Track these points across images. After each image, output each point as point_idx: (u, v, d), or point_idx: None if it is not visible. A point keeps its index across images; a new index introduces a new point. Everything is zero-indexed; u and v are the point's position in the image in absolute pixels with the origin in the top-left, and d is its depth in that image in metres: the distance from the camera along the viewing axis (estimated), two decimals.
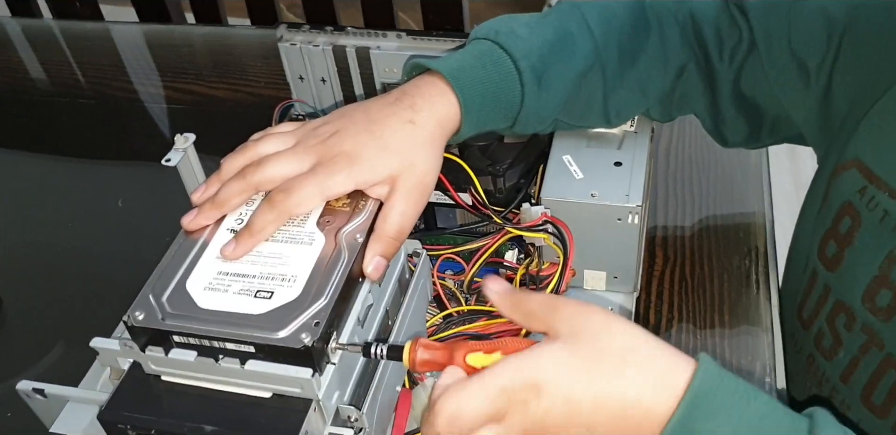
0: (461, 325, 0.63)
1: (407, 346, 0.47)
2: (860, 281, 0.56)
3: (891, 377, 0.55)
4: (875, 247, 0.55)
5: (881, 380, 0.56)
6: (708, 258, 0.73)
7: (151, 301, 0.47)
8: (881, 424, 0.57)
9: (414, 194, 0.53)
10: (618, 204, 0.62)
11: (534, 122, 0.61)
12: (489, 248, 0.64)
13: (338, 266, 0.49)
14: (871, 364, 0.56)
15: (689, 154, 0.84)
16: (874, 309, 0.55)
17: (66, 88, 1.09)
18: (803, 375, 0.64)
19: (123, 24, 1.22)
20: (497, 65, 0.57)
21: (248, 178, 0.52)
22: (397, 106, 0.55)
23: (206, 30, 1.18)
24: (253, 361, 0.45)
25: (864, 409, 0.58)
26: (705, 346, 0.66)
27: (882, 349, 0.55)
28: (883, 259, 0.54)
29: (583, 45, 0.61)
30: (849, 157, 0.58)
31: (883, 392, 0.56)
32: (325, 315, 0.46)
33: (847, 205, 0.57)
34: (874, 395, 0.57)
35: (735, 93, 0.65)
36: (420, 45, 0.75)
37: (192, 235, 0.52)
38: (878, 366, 0.56)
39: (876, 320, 0.55)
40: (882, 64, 0.56)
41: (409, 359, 0.46)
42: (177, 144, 0.57)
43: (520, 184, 0.68)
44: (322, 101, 0.83)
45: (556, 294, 0.62)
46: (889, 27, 0.56)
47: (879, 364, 0.55)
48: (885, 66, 0.56)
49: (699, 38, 0.64)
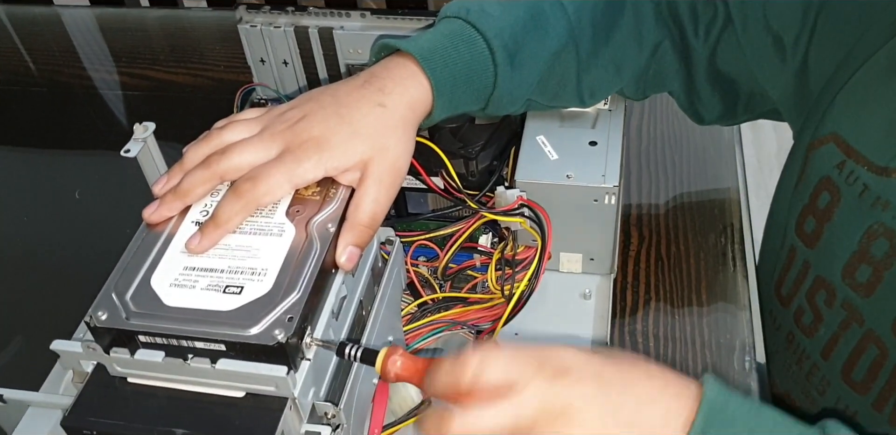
0: (436, 312, 0.62)
1: (382, 352, 0.45)
2: (839, 257, 0.55)
3: (871, 353, 0.54)
4: (854, 222, 0.54)
5: (861, 356, 0.56)
6: (684, 236, 0.73)
7: (114, 300, 0.45)
8: (861, 400, 0.57)
9: (386, 179, 0.51)
10: (594, 185, 0.61)
11: (507, 104, 0.59)
12: (463, 233, 0.63)
13: (310, 258, 0.47)
14: (852, 340, 0.56)
15: (661, 131, 0.83)
16: (854, 285, 0.55)
17: (17, 76, 1.05)
18: (783, 352, 0.64)
19: (74, 9, 1.17)
20: (469, 45, 0.55)
21: (213, 166, 0.50)
22: (366, 89, 0.53)
23: (161, 12, 1.14)
24: (224, 360, 0.43)
25: (843, 385, 0.58)
26: (683, 325, 0.66)
27: (862, 325, 0.55)
28: (862, 234, 0.53)
29: (556, 23, 0.59)
30: (825, 132, 0.57)
31: (863, 368, 0.56)
32: (298, 310, 0.44)
33: (825, 180, 0.57)
34: (854, 371, 0.57)
35: (710, 69, 0.64)
36: (385, 24, 0.73)
37: (154, 229, 0.49)
38: (857, 342, 0.55)
39: (856, 296, 0.55)
40: (858, 39, 0.56)
41: (382, 366, 0.45)
42: (136, 134, 0.55)
43: (493, 166, 0.66)
44: (285, 84, 0.80)
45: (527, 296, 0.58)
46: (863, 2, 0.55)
47: (859, 340, 0.55)
48: (861, 41, 0.55)
49: (674, 15, 0.63)
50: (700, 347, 0.64)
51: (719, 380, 0.43)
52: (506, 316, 0.59)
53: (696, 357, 0.63)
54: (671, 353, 0.64)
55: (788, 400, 0.66)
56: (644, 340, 0.65)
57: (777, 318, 0.65)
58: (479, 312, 0.62)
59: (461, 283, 0.66)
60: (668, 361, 0.63)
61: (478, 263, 0.66)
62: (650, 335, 0.65)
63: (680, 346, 0.64)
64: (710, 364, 0.63)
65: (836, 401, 0.59)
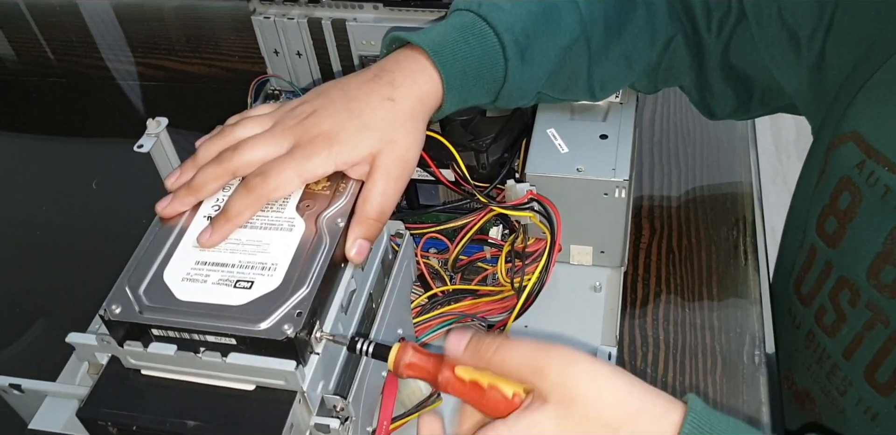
0: (446, 304, 0.62)
1: (394, 349, 0.45)
2: (863, 257, 0.55)
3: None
4: (878, 223, 0.53)
5: (886, 357, 0.55)
6: (695, 229, 0.73)
7: (128, 294, 0.46)
8: (884, 402, 0.56)
9: (394, 172, 0.51)
10: (604, 178, 0.61)
11: (517, 97, 0.59)
12: (474, 225, 0.63)
13: (319, 252, 0.47)
14: (877, 341, 0.55)
15: (674, 123, 0.83)
16: (879, 286, 0.54)
17: (36, 67, 1.06)
18: (802, 351, 0.64)
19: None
20: (480, 38, 0.55)
21: (225, 163, 0.50)
22: (376, 83, 0.53)
23: (177, 3, 1.15)
24: (235, 354, 0.44)
25: (867, 386, 0.57)
26: (694, 318, 0.66)
27: (888, 326, 0.54)
28: (887, 235, 0.53)
29: (568, 17, 0.59)
30: (846, 130, 0.56)
31: (888, 369, 0.55)
32: (307, 305, 0.44)
33: (845, 179, 0.56)
34: (878, 372, 0.56)
35: (723, 64, 0.64)
36: (398, 16, 0.73)
37: (167, 223, 0.50)
38: (883, 343, 0.55)
39: (882, 297, 0.54)
40: (878, 35, 0.54)
41: (395, 362, 0.45)
42: (149, 129, 0.55)
43: (503, 158, 0.66)
44: (298, 75, 0.81)
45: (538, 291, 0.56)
46: None
47: (885, 341, 0.55)
48: (882, 37, 0.54)
49: (687, 9, 0.62)
50: (710, 340, 0.64)
51: (701, 401, 0.43)
52: (517, 310, 0.59)
53: (705, 350, 0.63)
54: (680, 346, 0.64)
55: (808, 399, 0.65)
56: (654, 333, 0.65)
57: (797, 316, 0.64)
58: (489, 305, 0.63)
59: (471, 275, 0.66)
60: (677, 354, 0.63)
61: (488, 256, 0.66)
62: (660, 328, 0.65)
63: (690, 339, 0.64)
64: (719, 357, 0.63)
65: (858, 401, 0.59)
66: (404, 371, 0.45)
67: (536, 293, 0.60)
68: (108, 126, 0.97)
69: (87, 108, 1.00)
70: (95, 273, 0.75)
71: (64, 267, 0.80)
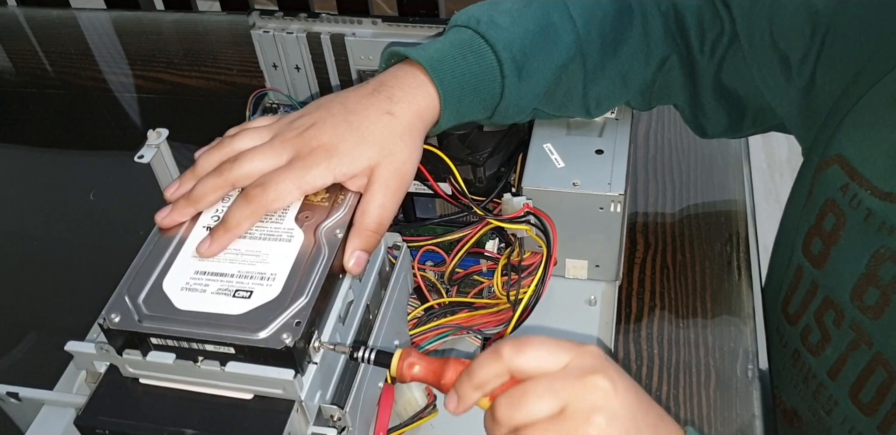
0: (443, 317, 0.63)
1: (396, 354, 0.46)
2: (847, 279, 0.55)
3: (880, 376, 0.55)
4: (861, 245, 0.54)
5: (869, 378, 0.56)
6: (689, 244, 0.73)
7: (127, 302, 0.46)
8: (867, 422, 0.57)
9: (392, 185, 0.52)
10: (600, 193, 0.61)
11: (513, 113, 0.60)
12: (470, 238, 0.64)
13: (318, 263, 0.48)
14: (860, 362, 0.56)
15: (668, 139, 0.84)
16: (863, 307, 0.55)
17: (34, 78, 1.07)
18: (789, 369, 0.64)
19: (91, 12, 1.19)
20: (478, 55, 0.56)
21: (225, 174, 0.51)
22: (375, 97, 0.54)
23: (177, 16, 1.16)
24: (233, 363, 0.44)
25: (851, 406, 0.58)
26: (688, 333, 0.66)
27: (871, 347, 0.55)
28: (869, 258, 0.53)
29: (565, 35, 0.60)
30: (832, 153, 0.57)
31: (871, 390, 0.56)
32: (305, 314, 0.45)
33: (830, 202, 0.57)
34: (862, 392, 0.57)
35: (716, 85, 0.65)
36: (396, 31, 0.74)
37: (166, 233, 0.50)
38: (867, 364, 0.56)
39: (865, 318, 0.55)
40: (867, 60, 0.55)
41: (398, 368, 0.46)
42: (149, 140, 0.56)
43: (500, 172, 0.67)
44: (297, 89, 0.81)
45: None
46: (875, 24, 0.55)
47: (868, 363, 0.55)
48: (871, 63, 0.55)
49: (682, 30, 0.63)
50: (703, 355, 0.64)
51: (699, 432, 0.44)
52: (513, 323, 0.60)
53: (699, 364, 0.64)
54: (674, 360, 0.64)
55: (796, 417, 0.66)
56: (648, 347, 0.65)
57: (784, 335, 0.65)
58: (484, 317, 0.63)
59: (468, 287, 0.67)
60: (671, 368, 0.64)
61: (484, 269, 0.67)
62: (654, 342, 0.66)
63: (684, 353, 0.65)
64: (713, 371, 0.63)
65: (843, 420, 0.59)
66: (408, 373, 0.46)
67: (532, 306, 0.60)
68: (106, 138, 0.97)
69: (85, 120, 1.00)
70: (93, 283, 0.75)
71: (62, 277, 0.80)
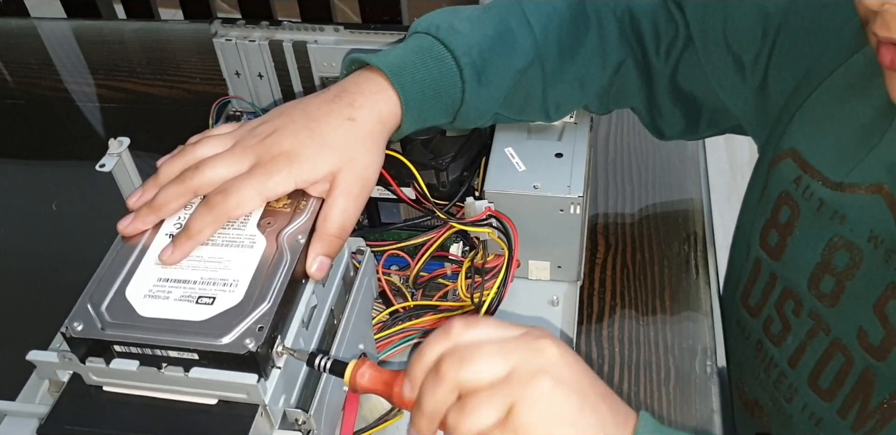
0: (408, 320, 0.63)
1: (351, 365, 0.46)
2: (804, 268, 0.57)
3: (837, 361, 0.56)
4: (815, 235, 0.56)
5: (828, 364, 0.57)
6: (648, 245, 0.75)
7: (90, 311, 0.46)
8: (827, 407, 0.58)
9: (354, 190, 0.53)
10: (560, 195, 0.63)
11: (474, 118, 0.61)
12: (434, 242, 0.65)
13: (280, 268, 0.48)
14: (818, 349, 0.58)
15: (627, 143, 0.85)
16: (819, 295, 0.56)
17: None
18: (751, 360, 0.66)
19: (51, 21, 1.18)
20: (438, 61, 0.57)
21: (187, 181, 0.51)
22: (336, 103, 0.55)
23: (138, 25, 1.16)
24: (197, 369, 0.44)
25: (811, 392, 0.59)
26: (648, 331, 0.67)
27: (828, 334, 0.57)
28: (824, 247, 0.55)
29: (523, 41, 0.61)
30: (785, 148, 0.59)
31: (829, 376, 0.57)
32: (268, 319, 0.45)
33: (784, 194, 0.59)
34: (821, 378, 0.58)
35: (672, 87, 0.66)
36: (358, 38, 0.75)
37: (129, 241, 0.51)
38: (824, 351, 0.57)
39: (822, 306, 0.57)
40: (815, 59, 0.57)
41: (351, 378, 0.46)
42: (111, 149, 0.56)
43: (462, 177, 0.68)
44: (259, 96, 0.82)
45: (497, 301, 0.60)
46: (822, 23, 0.57)
47: (826, 349, 0.57)
48: (819, 61, 0.57)
49: (637, 34, 0.65)
50: (663, 352, 0.66)
51: (652, 420, 0.45)
52: None
53: (659, 361, 0.65)
54: (635, 357, 0.65)
55: (757, 407, 0.67)
56: (609, 346, 0.66)
57: (745, 327, 0.66)
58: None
59: (433, 291, 0.68)
60: (632, 366, 0.65)
61: (449, 272, 0.67)
62: (615, 340, 0.67)
63: (644, 350, 0.66)
64: (672, 368, 0.65)
65: (803, 407, 0.61)
66: (360, 387, 0.46)
67: (495, 308, 0.61)
68: (68, 148, 0.97)
69: (47, 130, 0.99)
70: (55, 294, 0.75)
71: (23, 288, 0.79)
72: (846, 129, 0.55)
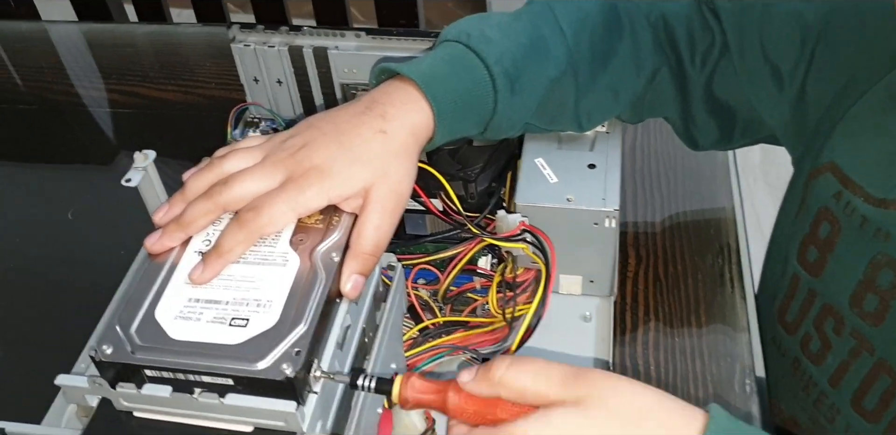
0: (438, 337, 0.62)
1: (397, 381, 0.45)
2: (846, 286, 0.55)
3: (883, 382, 0.54)
4: (858, 252, 0.54)
5: (872, 385, 0.55)
6: (680, 257, 0.73)
7: (119, 333, 0.44)
8: (872, 428, 0.56)
9: (388, 205, 0.51)
10: (595, 208, 0.61)
11: (506, 128, 0.59)
12: (464, 256, 0.63)
13: (315, 288, 0.46)
14: (862, 369, 0.56)
15: (655, 150, 0.84)
16: (862, 314, 0.55)
17: (4, 93, 1.04)
18: (788, 378, 0.64)
19: (62, 24, 1.16)
20: (470, 71, 0.55)
21: (216, 197, 0.49)
22: (367, 115, 0.53)
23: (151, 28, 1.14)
24: (232, 395, 0.43)
25: (854, 413, 0.58)
26: (683, 348, 0.66)
27: (873, 354, 0.55)
28: (867, 264, 0.53)
29: (555, 48, 0.59)
30: (824, 161, 0.57)
31: (875, 397, 0.55)
32: (305, 343, 0.44)
33: (824, 209, 0.57)
34: (865, 399, 0.56)
35: (707, 97, 0.64)
36: (380, 44, 0.73)
37: (156, 259, 0.49)
38: (869, 370, 0.55)
39: (865, 325, 0.55)
40: (857, 69, 0.56)
41: (400, 395, 0.45)
42: (136, 163, 0.54)
43: (491, 188, 0.66)
44: (278, 102, 0.80)
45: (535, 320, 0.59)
46: (864, 32, 0.56)
47: (870, 369, 0.55)
48: (860, 72, 0.55)
49: (671, 42, 0.63)
50: (700, 371, 0.64)
51: (724, 413, 0.44)
52: (515, 346, 0.59)
53: (696, 380, 0.63)
54: (671, 377, 0.64)
55: (795, 426, 0.65)
56: (644, 364, 0.65)
57: (781, 344, 0.65)
58: (480, 336, 0.62)
59: (461, 305, 0.66)
60: (668, 386, 0.63)
61: (478, 286, 0.66)
62: (650, 358, 0.65)
63: (680, 368, 0.64)
64: (710, 387, 0.63)
65: (846, 428, 0.59)
66: (411, 399, 0.45)
67: (533, 328, 0.59)
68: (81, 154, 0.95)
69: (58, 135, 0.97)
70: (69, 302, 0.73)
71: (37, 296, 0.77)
72: (890, 144, 0.53)
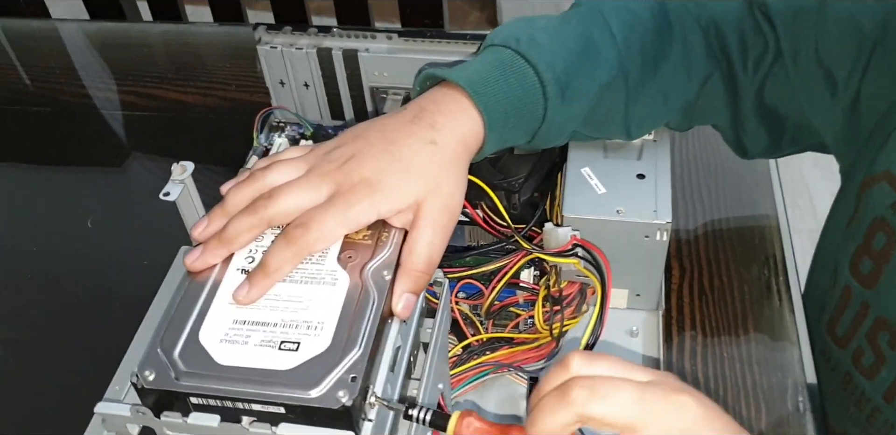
0: (483, 354, 0.59)
1: (454, 419, 0.42)
2: None
3: None
4: None
5: None
6: (725, 268, 0.70)
7: (162, 357, 0.42)
8: None
9: (441, 220, 0.49)
10: (647, 221, 0.58)
11: (554, 136, 0.57)
12: (510, 269, 0.60)
13: (368, 308, 0.44)
14: None
15: (694, 157, 0.81)
16: None
17: (15, 94, 1.01)
18: (839, 393, 0.62)
19: (73, 23, 1.13)
20: (520, 77, 0.53)
21: (260, 212, 0.47)
22: (416, 125, 0.50)
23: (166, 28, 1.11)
24: (285, 424, 0.40)
25: None
26: (733, 364, 0.63)
27: None
28: None
29: (606, 52, 0.56)
30: (878, 170, 0.55)
31: None
32: (361, 368, 0.41)
33: (879, 220, 0.55)
34: None
35: (758, 103, 0.62)
36: (412, 47, 0.71)
37: (197, 277, 0.46)
38: None
39: None
40: None
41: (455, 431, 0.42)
42: (174, 175, 0.51)
43: (534, 198, 0.63)
44: (304, 106, 0.77)
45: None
46: None
47: None
48: None
49: (723, 47, 0.61)
50: (752, 388, 0.62)
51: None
52: None
53: (748, 397, 0.61)
54: (722, 394, 0.61)
55: None
56: (693, 378, 0.62)
57: (831, 358, 0.63)
58: (525, 353, 0.60)
59: (503, 320, 0.63)
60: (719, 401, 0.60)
61: (521, 300, 0.63)
62: (699, 375, 0.63)
63: (731, 386, 0.62)
64: (763, 405, 0.61)
65: None
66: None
67: (591, 345, 0.57)
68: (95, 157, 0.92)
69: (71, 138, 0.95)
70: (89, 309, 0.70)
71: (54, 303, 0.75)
72: None
